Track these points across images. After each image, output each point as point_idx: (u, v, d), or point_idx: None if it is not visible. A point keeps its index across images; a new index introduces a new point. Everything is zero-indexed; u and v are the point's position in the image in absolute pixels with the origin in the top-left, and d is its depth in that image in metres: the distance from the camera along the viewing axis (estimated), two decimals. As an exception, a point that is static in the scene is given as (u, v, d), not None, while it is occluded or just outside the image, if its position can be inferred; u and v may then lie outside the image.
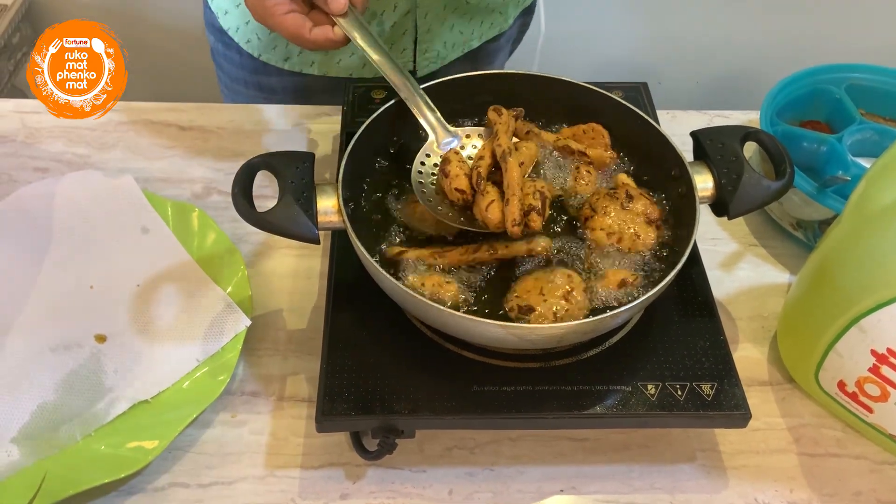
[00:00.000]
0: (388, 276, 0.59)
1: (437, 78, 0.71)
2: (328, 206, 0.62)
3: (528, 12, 1.06)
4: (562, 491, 0.63)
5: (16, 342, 0.66)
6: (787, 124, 0.82)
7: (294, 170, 0.62)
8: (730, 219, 0.66)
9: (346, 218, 0.61)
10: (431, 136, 0.68)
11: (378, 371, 0.62)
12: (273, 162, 0.63)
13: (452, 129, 0.69)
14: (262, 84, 0.97)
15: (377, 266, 0.59)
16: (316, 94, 0.95)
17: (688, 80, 1.75)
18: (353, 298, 0.66)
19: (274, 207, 0.61)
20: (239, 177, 0.61)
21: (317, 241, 0.61)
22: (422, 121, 0.68)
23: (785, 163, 0.66)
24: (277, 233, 0.61)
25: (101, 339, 0.68)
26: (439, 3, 0.89)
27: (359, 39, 0.67)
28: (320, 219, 0.61)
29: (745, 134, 0.68)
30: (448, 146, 0.68)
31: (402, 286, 0.58)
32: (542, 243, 0.63)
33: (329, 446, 0.64)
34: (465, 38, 0.96)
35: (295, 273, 0.76)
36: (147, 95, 0.76)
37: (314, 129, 0.90)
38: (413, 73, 0.95)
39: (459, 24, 0.93)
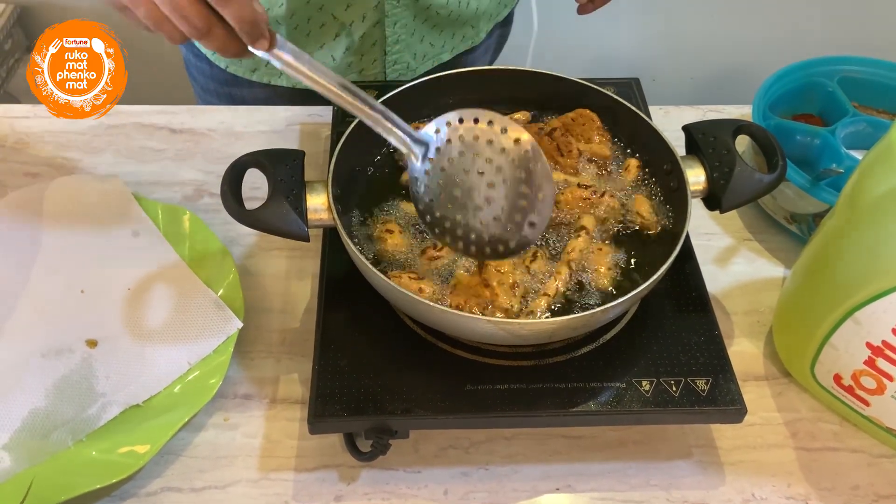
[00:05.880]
0: (378, 273, 0.58)
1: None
2: (318, 203, 0.61)
3: (506, 23, 1.05)
4: (557, 489, 0.63)
5: (6, 348, 0.66)
6: (779, 118, 0.82)
7: (284, 167, 0.62)
8: (722, 212, 0.65)
9: (336, 215, 0.61)
10: (405, 151, 0.59)
11: (371, 371, 0.62)
12: (263, 159, 0.62)
13: (419, 135, 0.58)
14: (233, 96, 0.97)
15: (368, 264, 0.59)
16: (287, 105, 0.95)
17: (682, 77, 1.74)
18: (345, 298, 0.66)
19: (263, 205, 0.60)
20: (228, 174, 0.61)
21: (306, 239, 0.61)
22: (391, 140, 0.59)
23: (777, 155, 0.66)
24: (266, 230, 0.61)
25: (92, 343, 0.67)
26: (409, 14, 0.88)
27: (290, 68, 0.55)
28: (310, 216, 0.61)
29: (737, 127, 0.68)
30: (426, 157, 0.59)
31: (392, 283, 0.58)
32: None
33: (323, 448, 0.64)
34: (436, 50, 0.95)
35: (287, 274, 0.76)
36: (134, 98, 0.76)
37: (306, 129, 0.89)
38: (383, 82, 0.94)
39: (430, 35, 0.93)
